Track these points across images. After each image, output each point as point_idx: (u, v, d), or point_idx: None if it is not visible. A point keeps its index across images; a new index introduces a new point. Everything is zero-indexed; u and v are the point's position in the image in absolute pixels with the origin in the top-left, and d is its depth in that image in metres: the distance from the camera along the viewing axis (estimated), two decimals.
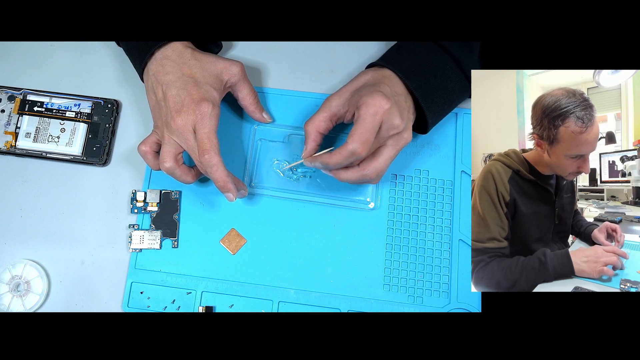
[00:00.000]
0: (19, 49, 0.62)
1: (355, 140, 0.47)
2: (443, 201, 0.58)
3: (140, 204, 0.57)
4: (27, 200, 0.58)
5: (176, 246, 0.56)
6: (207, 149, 0.49)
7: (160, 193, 0.57)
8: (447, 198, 0.58)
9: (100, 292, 0.55)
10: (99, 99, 0.60)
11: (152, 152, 0.53)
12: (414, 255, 0.56)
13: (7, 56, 0.62)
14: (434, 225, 0.57)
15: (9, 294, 0.54)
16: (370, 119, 0.46)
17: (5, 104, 0.60)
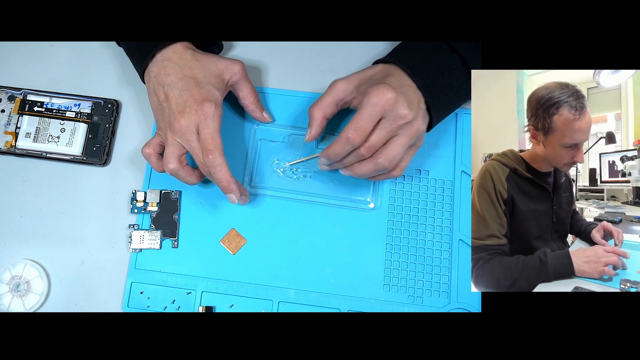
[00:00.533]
0: (19, 49, 0.62)
1: (350, 127, 0.47)
2: (443, 201, 0.58)
3: (140, 204, 0.57)
4: (27, 200, 0.58)
5: (176, 246, 0.56)
6: (211, 149, 0.48)
7: (160, 193, 0.57)
8: (447, 198, 0.58)
9: (100, 292, 0.55)
10: (99, 99, 0.60)
11: (156, 154, 0.53)
12: (414, 255, 0.56)
13: (7, 56, 0.62)
14: (434, 225, 0.57)
15: (9, 294, 0.54)
16: (370, 108, 0.47)
17: (5, 104, 0.60)
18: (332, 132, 0.59)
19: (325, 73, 0.62)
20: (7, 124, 0.59)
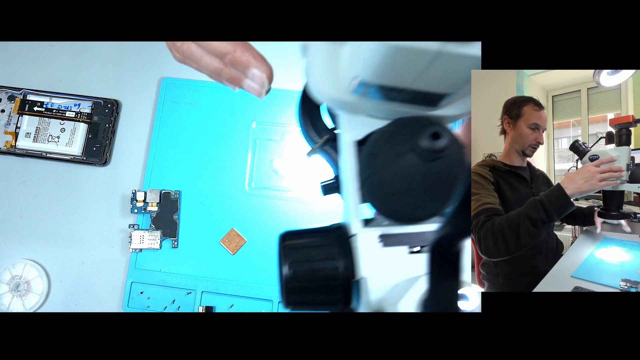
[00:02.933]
0: (19, 49, 0.62)
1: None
2: None
3: (140, 204, 0.57)
4: (27, 200, 0.58)
5: (176, 246, 0.56)
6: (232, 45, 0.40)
7: (160, 193, 0.57)
8: None
9: (100, 292, 0.55)
10: (99, 99, 0.60)
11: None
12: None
13: (7, 56, 0.62)
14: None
15: (9, 293, 0.54)
16: None
17: (5, 103, 0.59)
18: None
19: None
20: (7, 123, 0.59)
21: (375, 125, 0.28)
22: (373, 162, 0.24)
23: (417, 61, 0.21)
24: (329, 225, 0.29)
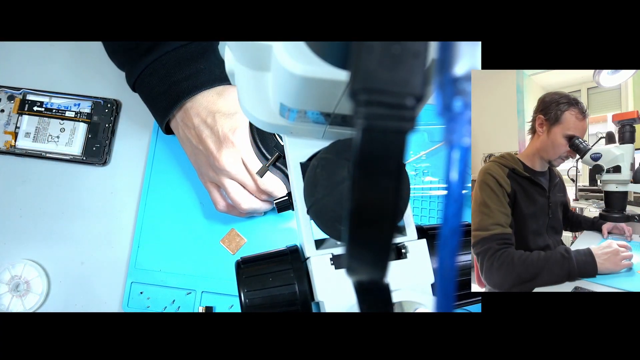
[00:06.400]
0: (19, 49, 0.62)
1: None
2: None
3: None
4: (27, 200, 0.58)
5: (176, 246, 0.56)
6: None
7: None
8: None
9: (99, 292, 0.55)
10: (99, 99, 0.60)
11: (226, 202, 0.52)
12: None
13: (7, 56, 0.62)
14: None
15: (8, 294, 0.54)
16: None
17: (5, 103, 0.59)
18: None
19: None
20: (6, 123, 0.59)
21: (318, 146, 0.27)
22: (314, 190, 0.24)
23: (331, 89, 0.21)
24: (284, 249, 0.29)
